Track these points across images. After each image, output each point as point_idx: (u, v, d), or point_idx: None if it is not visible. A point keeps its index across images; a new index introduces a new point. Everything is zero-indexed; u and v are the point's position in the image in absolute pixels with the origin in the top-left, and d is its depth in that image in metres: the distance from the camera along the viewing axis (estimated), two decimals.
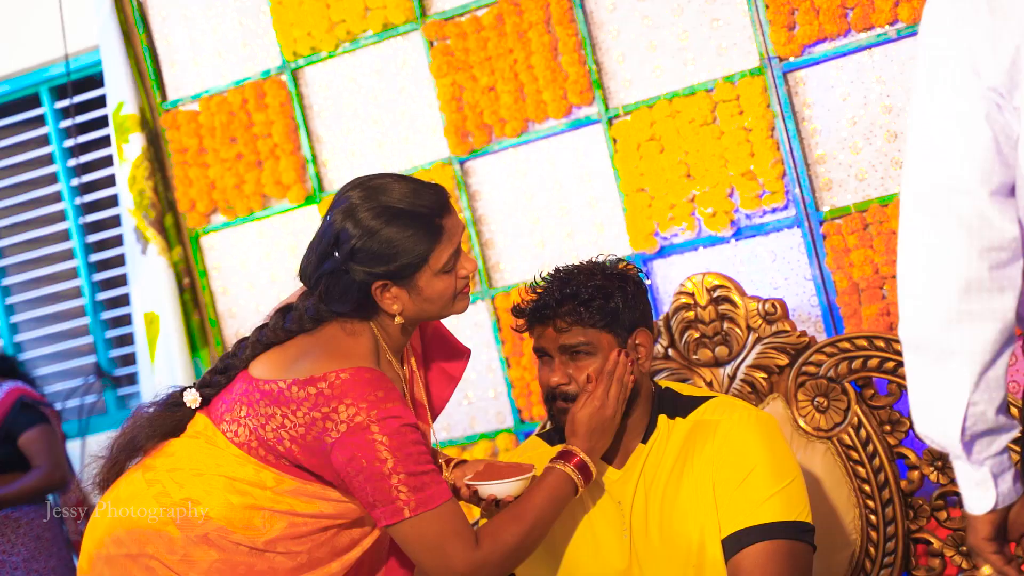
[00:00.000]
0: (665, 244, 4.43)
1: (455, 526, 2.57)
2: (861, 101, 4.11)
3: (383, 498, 2.54)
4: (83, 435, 5.64)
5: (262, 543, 2.63)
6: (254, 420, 2.62)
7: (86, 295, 5.87)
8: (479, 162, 4.74)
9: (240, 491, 2.63)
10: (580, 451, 2.70)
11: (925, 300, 1.95)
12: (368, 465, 2.53)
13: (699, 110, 4.30)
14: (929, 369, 1.97)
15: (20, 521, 4.93)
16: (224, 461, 2.65)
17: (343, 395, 2.55)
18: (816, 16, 4.10)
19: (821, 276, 4.18)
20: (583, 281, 2.77)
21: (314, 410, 2.56)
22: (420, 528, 2.55)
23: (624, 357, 2.75)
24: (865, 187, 4.13)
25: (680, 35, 4.37)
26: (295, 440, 2.59)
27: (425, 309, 2.67)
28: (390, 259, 2.60)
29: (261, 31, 5.10)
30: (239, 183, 5.12)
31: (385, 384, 2.59)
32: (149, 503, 2.67)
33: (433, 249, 2.62)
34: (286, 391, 2.59)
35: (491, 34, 4.61)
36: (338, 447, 2.55)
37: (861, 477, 3.17)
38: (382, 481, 2.53)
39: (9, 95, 5.90)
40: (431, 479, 2.57)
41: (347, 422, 2.54)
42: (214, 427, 2.68)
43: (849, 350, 3.20)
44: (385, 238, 2.59)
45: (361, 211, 2.61)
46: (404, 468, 2.53)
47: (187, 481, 2.66)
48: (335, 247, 2.62)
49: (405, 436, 2.55)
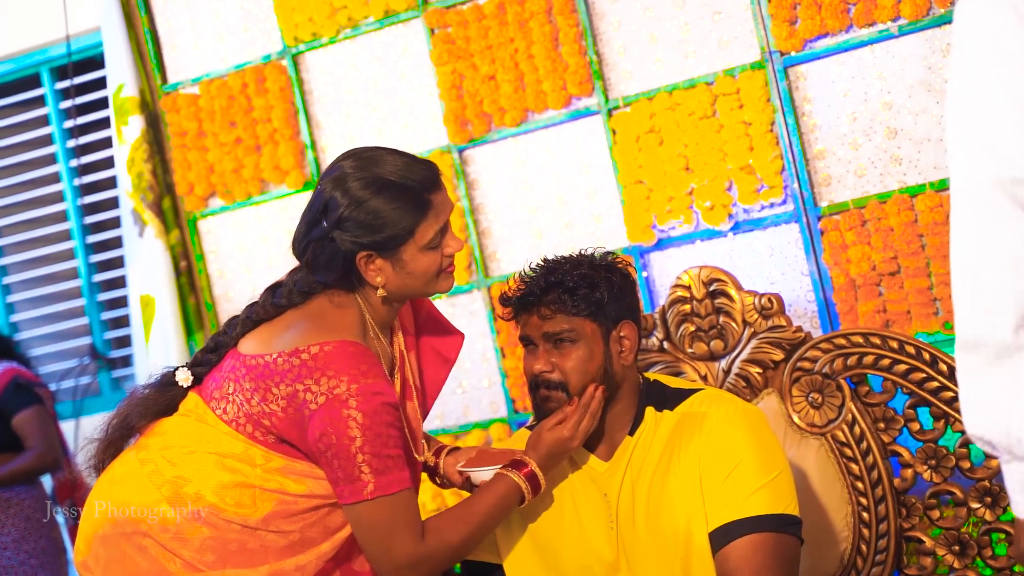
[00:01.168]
0: (662, 237, 4.42)
1: (407, 516, 2.59)
2: (862, 97, 4.11)
3: (347, 476, 2.56)
4: (77, 416, 5.64)
5: (254, 522, 2.63)
6: (241, 396, 2.64)
7: (82, 276, 5.87)
8: (478, 151, 4.74)
9: (230, 468, 2.64)
10: (534, 463, 2.72)
11: (994, 298, 1.91)
12: (337, 441, 2.54)
13: (699, 103, 4.30)
14: (988, 368, 1.92)
15: (11, 501, 4.92)
16: (214, 438, 2.66)
17: (326, 367, 2.56)
18: (818, 11, 4.09)
19: (818, 272, 4.18)
20: (569, 270, 2.78)
21: (297, 381, 2.57)
22: (374, 512, 2.56)
23: (600, 392, 2.76)
24: (864, 183, 4.12)
25: (681, 27, 4.37)
26: (278, 413, 2.60)
27: (408, 284, 2.68)
28: (376, 230, 2.61)
29: (263, 15, 5.09)
30: (238, 167, 5.12)
31: (369, 359, 2.60)
32: (142, 482, 2.68)
33: (420, 223, 2.63)
34: (271, 364, 2.61)
35: (492, 23, 4.60)
36: (315, 419, 2.56)
37: (854, 474, 3.17)
38: (348, 459, 2.54)
39: (10, 75, 5.90)
40: (395, 464, 2.58)
41: (327, 394, 2.55)
42: (204, 405, 2.70)
43: (845, 346, 3.19)
44: (372, 208, 2.61)
45: (351, 180, 2.63)
46: (371, 449, 2.54)
47: (179, 459, 2.67)
48: (323, 215, 2.64)
49: (380, 416, 2.56)
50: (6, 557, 4.88)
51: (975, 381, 1.91)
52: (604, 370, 2.78)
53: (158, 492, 2.66)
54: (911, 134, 4.05)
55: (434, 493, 4.78)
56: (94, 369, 5.83)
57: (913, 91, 4.03)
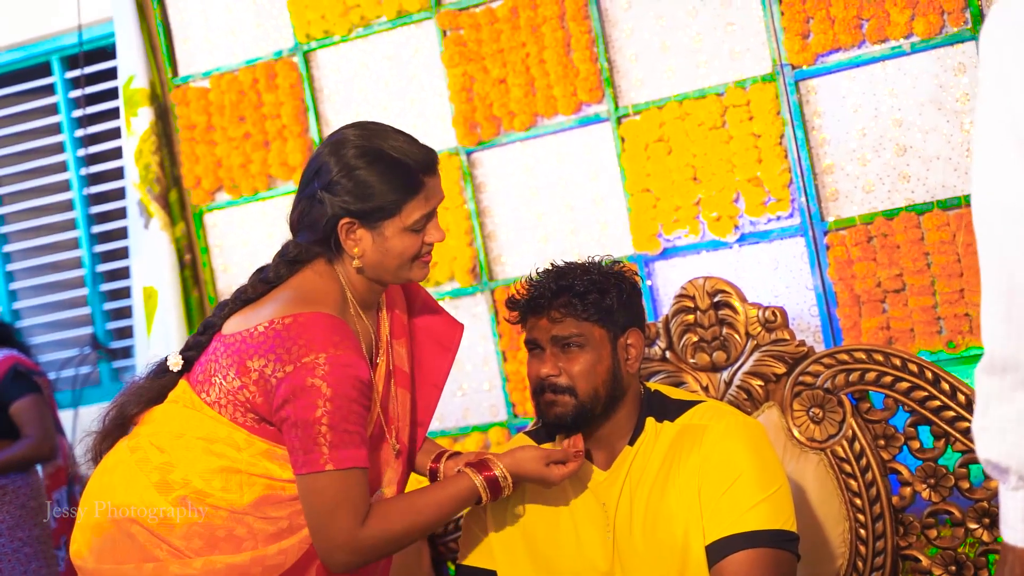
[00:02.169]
0: (668, 246, 4.42)
1: (354, 496, 2.56)
2: (872, 113, 4.10)
3: (304, 445, 2.54)
4: (76, 406, 5.64)
5: (241, 507, 2.63)
6: (220, 376, 2.64)
7: (86, 266, 5.87)
8: (486, 154, 4.74)
9: (217, 453, 2.64)
10: (501, 469, 2.71)
11: None
12: (301, 408, 2.53)
13: (709, 113, 4.29)
14: (1012, 393, 1.91)
15: (6, 489, 4.92)
16: (200, 423, 2.67)
17: (298, 336, 2.56)
18: (831, 25, 4.09)
19: (823, 286, 4.17)
20: (579, 275, 2.78)
21: (269, 352, 2.57)
22: (323, 485, 2.54)
23: (580, 441, 2.76)
24: (872, 199, 4.12)
25: (694, 37, 4.36)
26: (251, 387, 2.60)
27: (384, 263, 2.67)
28: (364, 198, 2.62)
29: (275, 12, 5.09)
30: (245, 162, 5.11)
31: (343, 331, 2.60)
32: (131, 469, 2.69)
33: (408, 201, 2.64)
34: (247, 338, 2.61)
35: (505, 26, 4.60)
36: (281, 386, 2.55)
37: (852, 490, 3.16)
38: (309, 427, 2.53)
39: (21, 63, 5.90)
40: (353, 441, 2.56)
41: (295, 362, 2.54)
42: (191, 390, 2.70)
43: (847, 362, 3.19)
44: (364, 177, 2.62)
45: (349, 147, 2.65)
46: (332, 421, 2.53)
47: (167, 445, 2.68)
48: (316, 176, 2.66)
49: (348, 389, 2.55)
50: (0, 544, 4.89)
51: (998, 404, 1.89)
52: (611, 376, 2.78)
53: (146, 479, 2.66)
54: (920, 152, 4.04)
55: None
56: (94, 359, 5.84)
57: (924, 109, 4.03)
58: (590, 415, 2.77)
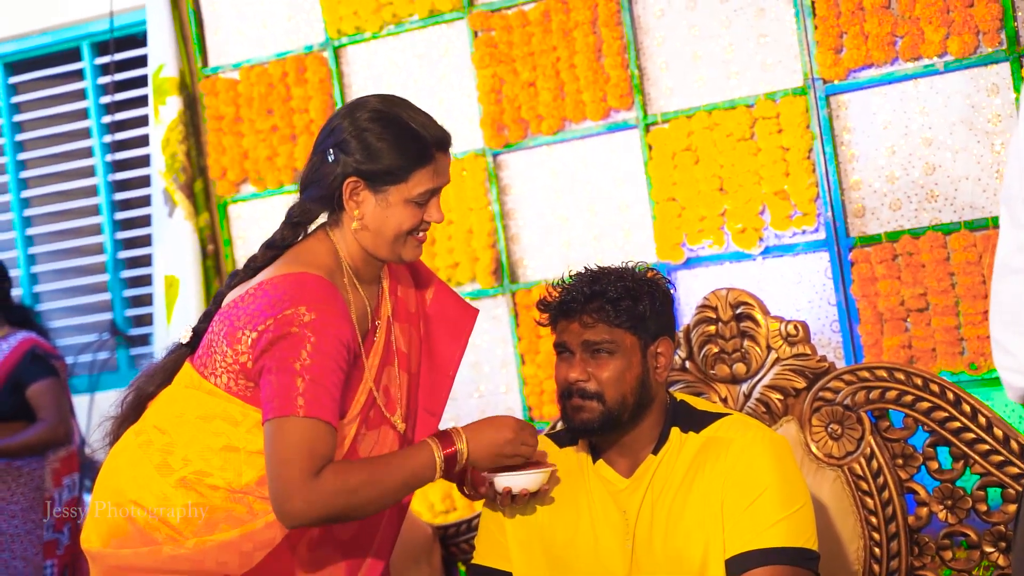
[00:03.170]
0: (691, 256, 4.41)
1: (318, 448, 2.52)
2: (902, 131, 4.09)
3: (281, 392, 2.53)
4: (92, 391, 5.65)
5: (239, 486, 2.63)
6: (216, 343, 2.65)
7: (108, 252, 5.88)
8: (512, 156, 4.73)
9: (215, 431, 2.64)
10: (463, 447, 2.68)
11: None
12: (281, 358, 2.53)
13: (738, 125, 4.28)
14: None
15: (22, 471, 4.93)
16: (199, 401, 2.67)
17: (284, 292, 2.57)
18: (865, 41, 4.07)
19: (845, 302, 4.16)
20: (613, 281, 2.77)
21: (257, 310, 2.58)
22: (290, 429, 2.51)
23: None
24: (898, 217, 4.10)
25: (726, 48, 4.35)
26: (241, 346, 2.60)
27: (381, 231, 2.66)
28: (374, 159, 2.63)
29: (307, 6, 5.09)
30: (272, 155, 5.12)
31: (331, 294, 2.60)
32: (135, 453, 2.71)
33: (416, 170, 2.65)
34: (239, 302, 2.63)
35: (536, 29, 4.60)
36: (265, 336, 2.55)
37: (868, 508, 3.15)
38: (288, 376, 2.52)
39: (51, 47, 5.91)
40: (328, 396, 2.54)
41: (278, 314, 2.55)
42: (192, 369, 2.71)
43: (868, 380, 3.17)
44: (376, 139, 2.64)
45: (366, 110, 2.67)
46: (311, 374, 2.52)
47: (168, 426, 2.69)
48: (330, 135, 2.68)
49: (328, 348, 2.55)
50: (13, 525, 4.90)
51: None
52: (639, 384, 2.77)
53: (148, 462, 2.68)
54: (949, 171, 4.03)
55: (444, 494, 4.77)
56: (112, 345, 5.84)
57: (954, 128, 4.01)
58: (617, 422, 2.76)
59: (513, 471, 2.74)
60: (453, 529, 3.70)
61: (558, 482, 2.86)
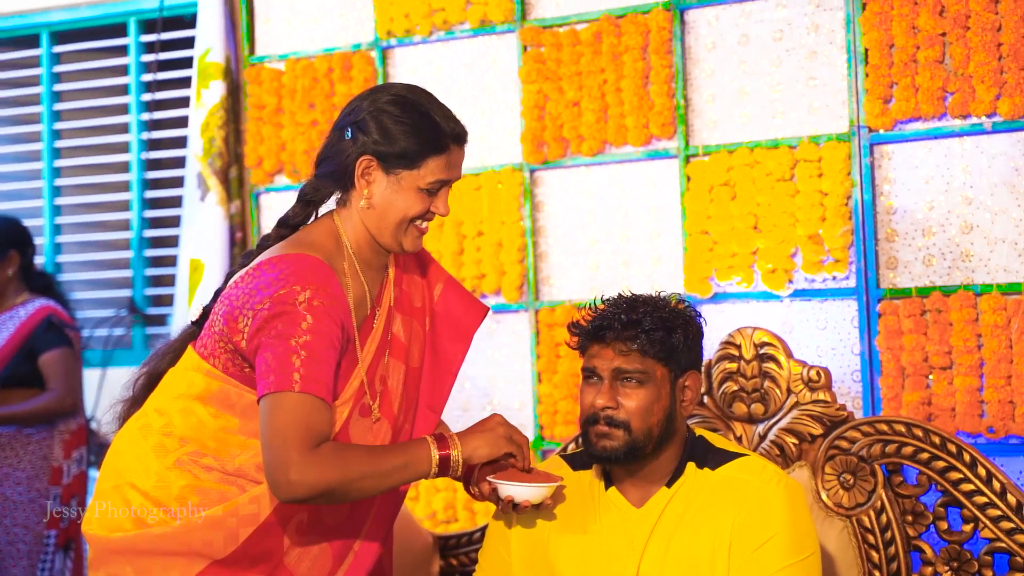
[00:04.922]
0: (719, 291, 4.39)
1: (314, 422, 2.53)
2: (943, 187, 4.06)
3: (278, 367, 2.53)
4: (105, 366, 5.65)
5: (233, 467, 2.64)
6: (215, 324, 2.67)
7: (134, 230, 5.89)
8: (549, 173, 4.72)
9: (213, 414, 2.66)
10: (458, 450, 2.66)
11: None
12: (278, 335, 2.54)
13: (778, 164, 4.26)
14: None
15: (31, 439, 4.94)
16: (198, 381, 2.69)
17: (281, 272, 2.59)
18: (915, 93, 4.05)
19: (869, 353, 4.13)
20: (649, 311, 2.76)
21: (255, 289, 2.59)
22: (287, 403, 2.51)
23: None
24: (931, 273, 4.08)
25: (774, 86, 4.34)
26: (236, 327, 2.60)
27: (387, 214, 2.69)
28: (388, 140, 2.66)
29: (360, 4, 5.09)
30: (309, 149, 5.11)
31: (327, 276, 2.62)
32: (134, 436, 2.73)
33: (430, 157, 2.68)
34: (239, 282, 2.64)
35: (586, 50, 4.59)
36: (261, 314, 2.56)
37: (873, 562, 3.13)
38: (285, 351, 2.53)
39: (99, 20, 5.93)
40: (324, 374, 2.55)
41: (274, 292, 2.56)
42: (193, 351, 2.73)
43: (887, 433, 3.16)
44: (394, 121, 2.66)
45: (389, 94, 2.71)
46: (308, 350, 2.53)
47: (166, 407, 2.71)
48: (350, 114, 2.71)
49: (325, 327, 2.56)
50: (18, 492, 4.90)
51: None
52: (666, 416, 2.76)
53: (146, 444, 2.70)
54: (987, 232, 4.00)
55: (446, 504, 4.75)
56: (129, 322, 5.85)
57: (996, 190, 3.99)
58: (641, 453, 2.74)
59: (520, 481, 2.72)
60: (454, 540, 3.69)
61: (563, 499, 2.84)
